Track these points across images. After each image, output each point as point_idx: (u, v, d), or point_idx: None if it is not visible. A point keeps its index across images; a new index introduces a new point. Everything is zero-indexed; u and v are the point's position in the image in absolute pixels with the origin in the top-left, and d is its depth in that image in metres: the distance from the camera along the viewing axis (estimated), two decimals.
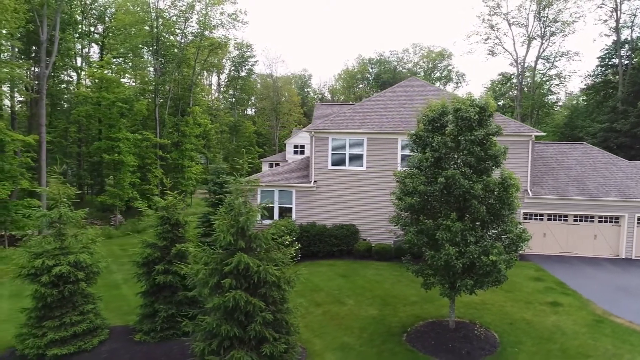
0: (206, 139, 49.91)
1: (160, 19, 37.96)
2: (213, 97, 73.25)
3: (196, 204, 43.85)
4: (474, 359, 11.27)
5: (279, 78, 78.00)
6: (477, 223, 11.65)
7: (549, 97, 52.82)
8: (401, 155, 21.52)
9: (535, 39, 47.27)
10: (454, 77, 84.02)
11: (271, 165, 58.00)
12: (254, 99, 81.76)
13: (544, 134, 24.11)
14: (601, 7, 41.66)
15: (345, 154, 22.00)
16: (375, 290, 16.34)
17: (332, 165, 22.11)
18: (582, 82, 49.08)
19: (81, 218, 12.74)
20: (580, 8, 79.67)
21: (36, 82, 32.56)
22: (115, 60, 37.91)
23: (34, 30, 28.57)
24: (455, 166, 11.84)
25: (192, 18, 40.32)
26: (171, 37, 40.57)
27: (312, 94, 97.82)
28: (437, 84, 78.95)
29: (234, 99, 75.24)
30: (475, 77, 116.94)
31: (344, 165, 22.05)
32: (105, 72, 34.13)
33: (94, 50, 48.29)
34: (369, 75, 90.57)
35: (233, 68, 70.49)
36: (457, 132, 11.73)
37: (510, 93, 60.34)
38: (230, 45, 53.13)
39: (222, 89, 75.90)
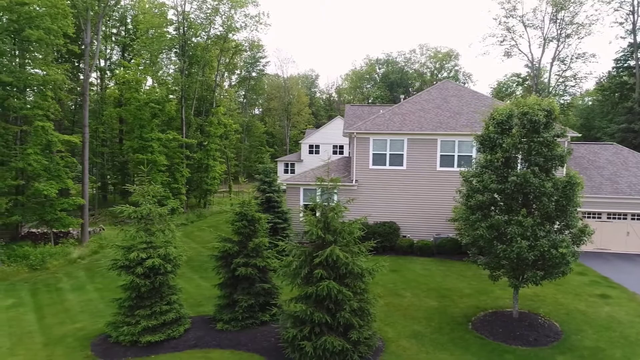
0: (227, 139, 50.73)
1: (186, 22, 38.67)
2: (225, 97, 73.98)
3: (217, 203, 44.51)
4: (543, 345, 12.09)
5: (288, 78, 78.85)
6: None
7: (564, 98, 53.66)
8: (440, 155, 22.34)
9: (552, 41, 48.14)
10: (461, 77, 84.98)
11: (286, 165, 58.74)
12: (261, 99, 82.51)
13: (580, 135, 24.88)
14: (618, 10, 42.53)
15: (385, 154, 22.79)
16: (428, 283, 17.15)
17: (373, 165, 22.91)
18: (597, 83, 49.63)
19: (166, 214, 13.52)
20: (598, 11, 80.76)
21: (75, 85, 33.27)
22: (142, 61, 38.55)
23: (70, 33, 29.22)
24: (522, 166, 12.66)
25: (216, 21, 41.05)
26: (194, 39, 41.25)
27: (318, 94, 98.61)
28: None
29: (245, 100, 75.95)
30: (484, 77, 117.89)
31: (385, 164, 22.84)
32: (128, 72, 34.80)
33: (115, 52, 48.93)
34: (376, 76, 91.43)
35: (244, 69, 71.21)
36: (523, 134, 12.55)
37: (518, 93, 61.11)
38: (247, 46, 53.80)
39: (232, 89, 76.67)
